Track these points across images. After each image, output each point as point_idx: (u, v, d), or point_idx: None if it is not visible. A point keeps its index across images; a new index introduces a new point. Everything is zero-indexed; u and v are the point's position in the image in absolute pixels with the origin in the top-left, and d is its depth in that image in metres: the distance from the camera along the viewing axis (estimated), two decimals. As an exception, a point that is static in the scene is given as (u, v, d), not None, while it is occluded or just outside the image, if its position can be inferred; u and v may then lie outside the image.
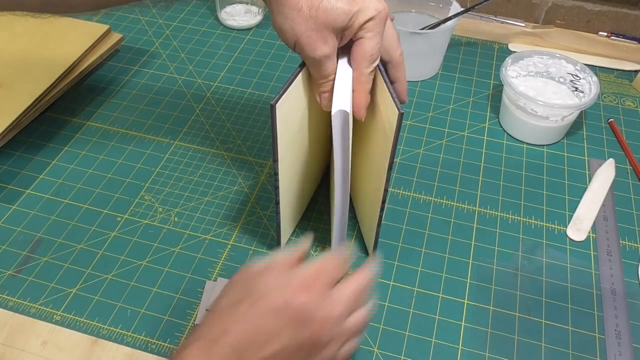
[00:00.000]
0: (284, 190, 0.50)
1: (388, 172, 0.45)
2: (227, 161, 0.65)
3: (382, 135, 0.46)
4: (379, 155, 0.47)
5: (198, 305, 0.51)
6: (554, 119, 0.64)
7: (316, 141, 0.54)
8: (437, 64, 0.76)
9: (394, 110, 0.41)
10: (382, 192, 0.47)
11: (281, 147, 0.45)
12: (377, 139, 0.48)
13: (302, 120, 0.48)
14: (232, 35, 0.83)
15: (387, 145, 0.44)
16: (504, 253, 0.56)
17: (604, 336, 0.50)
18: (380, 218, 0.50)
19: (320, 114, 0.50)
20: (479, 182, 0.63)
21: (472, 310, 0.52)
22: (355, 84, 0.44)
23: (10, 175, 0.63)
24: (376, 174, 0.49)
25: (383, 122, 0.46)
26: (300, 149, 0.51)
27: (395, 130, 0.42)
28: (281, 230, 0.54)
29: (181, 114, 0.70)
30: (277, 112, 0.42)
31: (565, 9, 0.83)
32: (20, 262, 0.55)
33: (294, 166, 0.51)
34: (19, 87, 0.66)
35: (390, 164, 0.45)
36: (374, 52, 0.43)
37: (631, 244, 0.58)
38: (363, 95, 0.45)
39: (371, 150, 0.50)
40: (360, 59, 0.43)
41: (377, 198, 0.49)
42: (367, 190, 0.54)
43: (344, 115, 0.42)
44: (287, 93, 0.43)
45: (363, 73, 0.44)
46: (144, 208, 0.59)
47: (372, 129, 0.49)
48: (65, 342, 0.49)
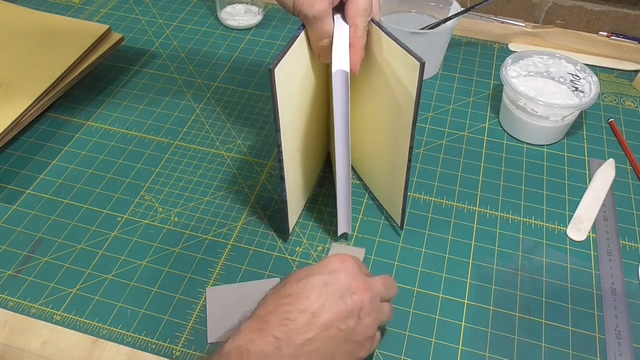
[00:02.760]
0: (289, 166, 0.50)
1: (413, 127, 0.46)
2: (227, 161, 0.65)
3: (389, 91, 0.47)
4: (389, 112, 0.49)
5: (197, 306, 0.51)
6: (554, 119, 0.64)
7: (317, 114, 0.54)
8: (437, 64, 0.76)
9: (411, 61, 0.43)
10: (407, 152, 0.49)
11: (283, 116, 0.45)
12: (382, 98, 0.49)
13: (302, 86, 0.49)
14: (232, 35, 0.83)
15: (401, 98, 0.46)
16: (504, 253, 0.56)
17: (604, 336, 0.50)
18: (407, 181, 0.51)
19: (319, 79, 0.51)
20: (479, 182, 0.63)
21: (472, 310, 0.52)
22: (352, 38, 0.46)
23: (10, 175, 0.63)
24: (390, 134, 0.51)
25: (387, 78, 0.47)
26: (302, 119, 0.51)
27: (418, 81, 0.43)
28: (288, 211, 0.53)
29: (181, 114, 0.70)
30: (276, 77, 0.42)
31: (565, 9, 0.83)
32: (20, 262, 0.55)
33: (297, 139, 0.51)
34: (19, 87, 0.66)
35: (414, 120, 0.46)
36: (367, 6, 0.46)
37: (631, 244, 0.58)
38: (359, 50, 0.47)
39: (374, 110, 0.51)
40: (355, 15, 0.46)
41: (395, 160, 0.51)
42: (377, 154, 0.54)
43: (344, 74, 0.44)
44: (285, 58, 0.43)
45: (359, 28, 0.46)
46: (144, 208, 0.59)
47: (373, 90, 0.50)
48: (65, 342, 0.49)
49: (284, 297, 0.40)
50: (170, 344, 0.49)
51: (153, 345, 0.49)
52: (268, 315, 0.39)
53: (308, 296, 0.39)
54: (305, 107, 0.51)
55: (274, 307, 0.39)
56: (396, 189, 0.54)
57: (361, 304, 0.40)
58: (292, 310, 0.39)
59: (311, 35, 0.46)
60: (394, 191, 0.55)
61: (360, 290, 0.41)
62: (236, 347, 0.37)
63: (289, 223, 0.55)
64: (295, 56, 0.45)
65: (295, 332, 0.38)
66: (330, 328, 0.39)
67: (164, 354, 0.48)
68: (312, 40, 0.47)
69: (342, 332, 0.39)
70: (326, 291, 0.40)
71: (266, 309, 0.39)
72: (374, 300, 0.42)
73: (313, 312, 0.39)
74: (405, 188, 0.52)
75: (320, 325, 0.38)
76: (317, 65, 0.51)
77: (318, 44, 0.47)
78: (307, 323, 0.38)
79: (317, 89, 0.52)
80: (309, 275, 0.41)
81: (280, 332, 0.37)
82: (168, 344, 0.49)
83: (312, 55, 0.49)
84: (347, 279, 0.41)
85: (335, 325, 0.39)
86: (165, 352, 0.48)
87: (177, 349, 0.49)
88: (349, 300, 0.40)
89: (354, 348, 0.41)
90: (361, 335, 0.41)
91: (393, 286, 0.46)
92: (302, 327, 0.38)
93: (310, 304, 0.39)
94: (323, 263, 0.42)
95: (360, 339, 0.41)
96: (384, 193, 0.59)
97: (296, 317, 0.38)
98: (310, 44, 0.47)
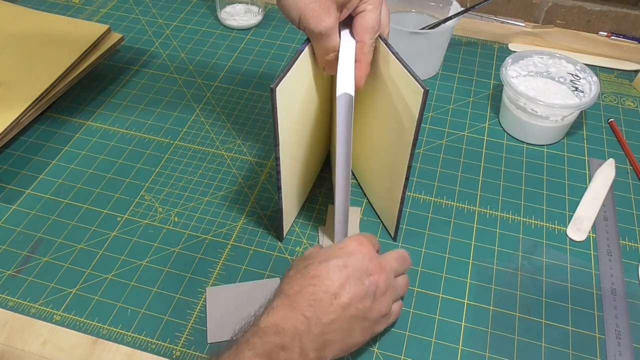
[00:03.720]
0: (286, 176, 0.50)
1: (412, 148, 0.47)
2: (227, 161, 0.65)
3: (392, 109, 0.48)
4: (391, 130, 0.49)
5: (197, 306, 0.51)
6: (554, 119, 0.64)
7: (317, 125, 0.54)
8: (437, 64, 0.76)
9: (415, 87, 0.43)
10: (406, 170, 0.49)
11: (282, 130, 0.46)
12: (385, 115, 0.49)
13: (303, 103, 0.49)
14: (232, 35, 0.83)
15: (404, 119, 0.46)
16: (504, 253, 0.56)
17: (604, 336, 0.50)
18: (403, 197, 0.51)
19: (322, 91, 0.50)
20: (479, 182, 0.63)
21: (472, 310, 0.52)
22: (358, 54, 0.47)
23: (10, 175, 0.63)
24: (389, 149, 0.51)
25: (391, 96, 0.47)
26: (301, 133, 0.51)
27: (421, 107, 0.43)
28: (283, 217, 0.54)
29: (181, 114, 0.70)
30: (277, 96, 0.42)
31: (565, 8, 0.83)
32: (20, 262, 0.55)
33: (296, 151, 0.51)
34: (19, 87, 0.66)
35: (415, 141, 0.46)
36: (375, 24, 0.46)
37: (631, 244, 0.57)
38: (365, 66, 0.47)
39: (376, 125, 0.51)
40: (363, 31, 0.46)
41: (393, 175, 0.51)
42: (376, 167, 0.54)
43: (348, 98, 0.44)
44: (287, 76, 0.43)
45: (366, 44, 0.46)
46: (144, 208, 0.59)
47: (376, 105, 0.50)
48: (65, 342, 0.49)
49: (308, 278, 0.43)
50: (170, 344, 0.49)
51: (153, 345, 0.49)
52: (296, 295, 0.42)
53: (330, 277, 0.42)
54: (306, 120, 0.51)
55: (300, 287, 0.42)
56: (392, 203, 0.54)
57: (377, 285, 0.44)
58: (317, 291, 0.42)
59: (317, 50, 0.46)
60: (390, 205, 0.55)
61: (376, 271, 0.44)
62: (272, 323, 0.41)
63: (283, 229, 0.56)
64: (298, 73, 0.45)
65: (321, 312, 0.41)
66: (349, 308, 0.42)
67: (164, 354, 0.48)
68: (318, 55, 0.47)
69: (360, 311, 0.43)
70: (346, 273, 0.43)
71: (293, 288, 0.42)
72: (388, 279, 0.45)
73: (334, 292, 0.42)
74: (401, 203, 0.52)
75: (342, 306, 0.42)
76: (321, 79, 0.51)
77: (324, 58, 0.47)
78: (330, 303, 0.41)
79: (319, 101, 0.52)
80: (329, 258, 0.44)
81: (309, 312, 0.41)
82: (168, 344, 0.49)
83: (317, 69, 0.49)
84: (365, 261, 0.44)
85: (354, 305, 0.42)
86: (165, 352, 0.48)
87: (177, 349, 0.49)
88: (365, 281, 0.43)
89: (370, 325, 0.44)
90: (377, 313, 0.44)
91: (406, 259, 0.49)
92: (327, 308, 0.41)
93: (332, 285, 0.42)
94: (342, 246, 0.45)
95: (376, 317, 0.44)
96: (380, 205, 0.58)
97: (322, 298, 0.41)
98: (315, 57, 0.47)
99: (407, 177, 0.49)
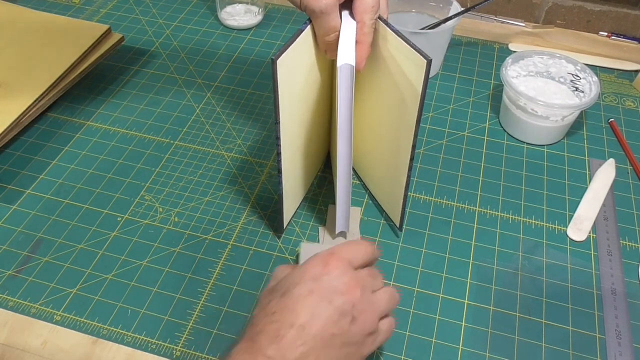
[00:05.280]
0: (287, 158, 0.49)
1: (416, 126, 0.46)
2: (227, 161, 0.65)
3: (394, 89, 0.47)
4: (394, 111, 0.48)
5: (197, 306, 0.51)
6: (554, 119, 0.64)
7: (318, 112, 0.54)
8: (437, 64, 0.76)
9: (417, 58, 0.43)
10: (410, 150, 0.48)
11: (283, 108, 0.45)
12: (386, 97, 0.49)
13: (305, 80, 0.48)
14: (232, 35, 0.83)
15: (407, 96, 0.46)
16: (504, 253, 0.56)
17: (604, 336, 0.50)
18: (408, 180, 0.51)
19: (323, 75, 0.50)
20: (479, 182, 0.63)
21: (472, 310, 0.52)
22: (359, 35, 0.46)
23: (10, 175, 0.63)
24: (392, 132, 0.50)
25: (392, 75, 0.47)
26: (302, 114, 0.50)
27: (424, 79, 0.43)
28: (284, 207, 0.53)
29: (181, 114, 0.70)
30: (278, 69, 0.42)
31: (565, 8, 0.83)
32: (20, 262, 0.55)
33: (297, 130, 0.50)
34: (19, 87, 0.66)
35: (419, 118, 0.46)
36: (374, 3, 0.46)
37: (631, 244, 0.57)
38: (366, 47, 0.47)
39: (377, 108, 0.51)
40: (363, 11, 0.46)
41: (397, 158, 0.50)
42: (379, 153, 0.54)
43: (349, 69, 0.43)
44: (289, 50, 0.43)
45: (366, 24, 0.46)
46: (144, 208, 0.59)
47: (377, 88, 0.50)
48: (65, 342, 0.49)
49: (270, 315, 0.38)
50: (170, 344, 0.49)
51: (153, 345, 0.49)
52: (258, 335, 0.37)
53: (294, 309, 0.38)
54: (307, 101, 0.50)
55: (262, 325, 0.38)
56: (396, 189, 0.54)
57: (352, 303, 0.39)
58: (280, 327, 0.37)
59: (317, 30, 0.46)
60: (394, 191, 0.55)
61: (349, 288, 0.39)
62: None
63: (283, 218, 0.55)
64: (300, 49, 0.45)
65: (287, 348, 0.36)
66: (323, 336, 0.37)
67: (164, 354, 0.48)
68: (319, 35, 0.47)
69: (337, 336, 0.38)
70: (312, 299, 0.38)
71: (255, 329, 0.38)
72: (364, 295, 0.40)
73: (301, 324, 0.37)
74: (406, 188, 0.52)
75: (313, 336, 0.37)
76: (322, 61, 0.51)
77: (324, 39, 0.47)
78: (298, 336, 0.37)
79: (321, 84, 0.52)
80: (292, 286, 0.39)
81: (272, 350, 0.36)
82: (168, 344, 0.49)
83: (318, 50, 0.49)
84: (332, 281, 0.39)
85: (328, 331, 0.37)
86: (165, 352, 0.48)
87: (177, 349, 0.49)
88: (337, 302, 0.38)
89: (356, 349, 0.39)
90: (359, 334, 0.39)
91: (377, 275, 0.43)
92: (294, 342, 0.36)
93: (297, 317, 0.37)
94: (304, 270, 0.40)
95: (359, 339, 0.39)
96: (383, 193, 0.58)
97: (285, 333, 0.37)
98: (316, 38, 0.47)
99: (412, 157, 0.49)
